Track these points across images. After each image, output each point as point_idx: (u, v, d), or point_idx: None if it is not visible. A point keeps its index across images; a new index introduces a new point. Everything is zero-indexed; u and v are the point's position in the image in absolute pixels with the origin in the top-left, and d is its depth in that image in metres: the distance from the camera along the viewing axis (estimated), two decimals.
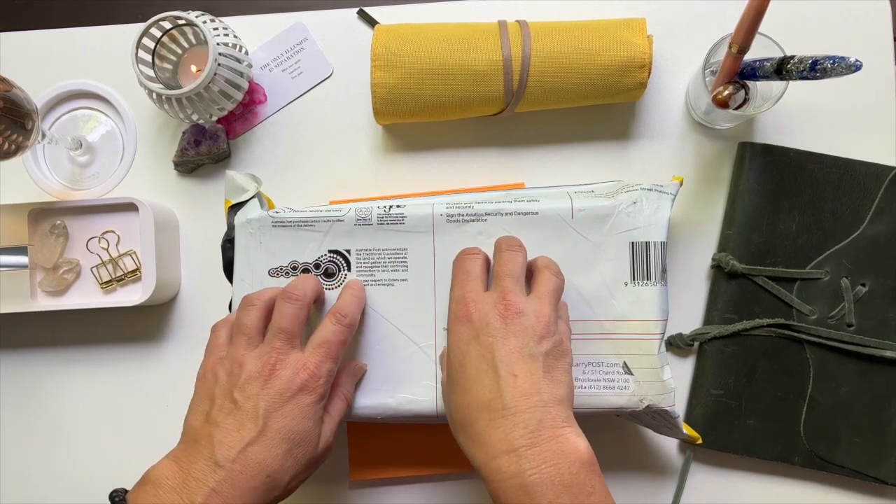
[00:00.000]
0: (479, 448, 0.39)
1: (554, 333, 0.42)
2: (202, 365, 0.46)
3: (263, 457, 0.41)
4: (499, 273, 0.44)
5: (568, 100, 0.56)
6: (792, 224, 0.56)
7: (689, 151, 0.59)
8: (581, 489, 0.37)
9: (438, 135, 0.60)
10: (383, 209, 0.50)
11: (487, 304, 0.42)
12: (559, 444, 0.38)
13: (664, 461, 0.58)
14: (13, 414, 0.60)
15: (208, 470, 0.40)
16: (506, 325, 0.41)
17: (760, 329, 0.56)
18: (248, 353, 0.44)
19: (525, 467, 0.37)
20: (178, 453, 0.42)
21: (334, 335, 0.44)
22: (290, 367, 0.43)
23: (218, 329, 0.47)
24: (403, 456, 0.57)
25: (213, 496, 0.39)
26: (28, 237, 0.58)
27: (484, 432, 0.39)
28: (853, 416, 0.55)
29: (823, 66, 0.45)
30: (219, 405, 0.42)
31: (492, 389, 0.40)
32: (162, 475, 0.40)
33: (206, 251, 0.60)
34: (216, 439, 0.41)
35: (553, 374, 0.41)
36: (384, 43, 0.55)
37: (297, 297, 0.44)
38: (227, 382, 0.43)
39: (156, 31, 0.56)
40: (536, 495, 0.36)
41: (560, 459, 0.37)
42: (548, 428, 0.38)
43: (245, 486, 0.40)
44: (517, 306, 0.42)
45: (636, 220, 0.49)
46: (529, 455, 0.37)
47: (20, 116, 0.50)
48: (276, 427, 0.41)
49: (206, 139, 0.59)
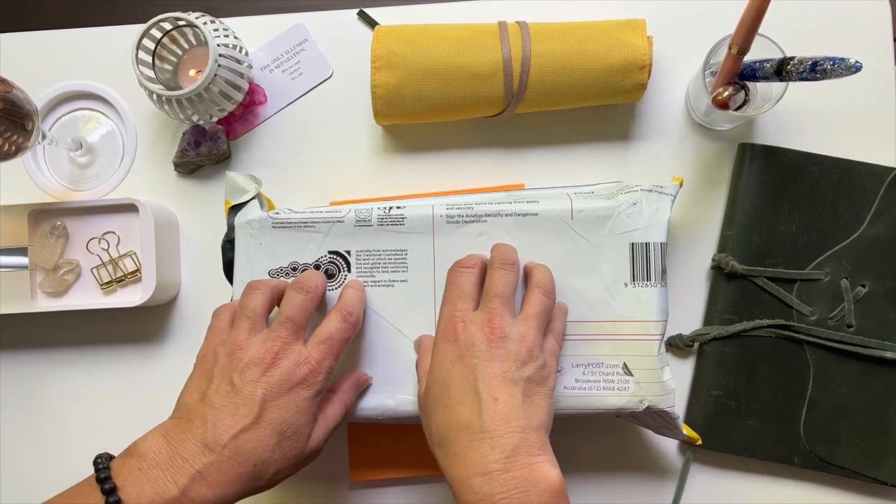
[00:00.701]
0: (455, 467, 0.40)
1: (537, 357, 0.43)
2: (202, 346, 0.45)
3: (254, 446, 0.40)
4: (489, 293, 0.44)
5: (568, 101, 0.56)
6: (792, 225, 0.56)
7: (689, 152, 0.59)
8: None
9: (438, 136, 0.60)
10: (383, 210, 0.50)
11: (475, 326, 0.43)
12: (532, 472, 0.38)
13: (664, 462, 0.58)
14: (13, 414, 0.60)
15: (197, 451, 0.40)
16: (490, 348, 0.42)
17: (760, 330, 0.56)
18: (252, 338, 0.43)
19: (496, 490, 0.38)
20: (169, 428, 0.41)
21: (339, 332, 0.44)
22: (292, 358, 0.42)
23: (220, 313, 0.47)
24: (403, 456, 0.57)
25: (197, 479, 0.39)
26: (28, 238, 0.58)
27: (461, 452, 0.40)
28: (853, 416, 0.55)
29: (823, 67, 0.45)
30: (216, 386, 0.42)
31: (472, 411, 0.40)
32: (149, 449, 0.40)
33: (206, 252, 0.61)
34: (209, 420, 0.40)
35: (533, 400, 0.42)
36: (384, 44, 0.55)
37: (309, 290, 0.44)
38: (227, 364, 0.43)
39: (156, 31, 0.56)
40: None
41: (531, 487, 0.38)
42: (523, 454, 0.39)
43: (232, 472, 0.40)
44: (502, 330, 0.42)
45: (636, 220, 0.49)
46: (502, 479, 0.38)
47: (20, 117, 0.50)
48: (270, 417, 0.41)
49: (207, 140, 0.59)
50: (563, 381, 0.48)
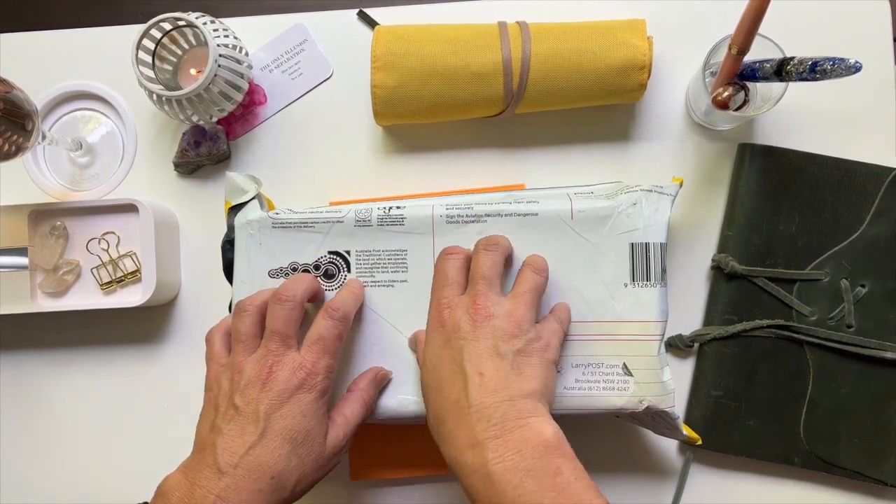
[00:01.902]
0: (449, 445, 0.40)
1: (528, 331, 0.43)
2: (206, 375, 0.46)
3: (266, 458, 0.41)
4: (473, 276, 0.45)
5: (568, 101, 0.56)
6: (792, 225, 0.56)
7: (688, 153, 0.59)
8: (546, 472, 0.37)
9: (438, 136, 0.60)
10: (383, 210, 0.50)
11: (459, 309, 0.43)
12: (522, 433, 0.38)
13: (664, 462, 0.58)
14: (13, 414, 0.60)
15: (213, 477, 0.40)
16: (475, 328, 0.42)
17: (760, 330, 0.56)
18: (247, 359, 0.44)
19: (489, 458, 0.38)
20: (187, 463, 0.43)
21: (327, 331, 0.44)
22: (286, 367, 0.43)
23: (212, 337, 0.47)
24: (403, 456, 0.57)
25: (218, 503, 0.39)
26: (28, 238, 0.58)
27: (453, 430, 0.40)
28: (853, 416, 0.55)
29: (823, 67, 0.45)
30: (222, 413, 0.43)
31: (459, 389, 0.41)
32: (171, 487, 0.41)
33: (206, 252, 0.61)
34: (219, 447, 0.41)
35: (523, 370, 0.42)
36: (384, 44, 0.55)
37: (287, 299, 0.44)
38: (228, 389, 0.43)
39: (156, 32, 0.56)
40: (500, 483, 0.37)
41: (523, 447, 0.38)
42: (511, 419, 0.39)
43: (250, 488, 0.40)
44: (487, 310, 0.43)
45: (636, 221, 0.49)
46: (493, 446, 0.38)
47: (20, 118, 0.50)
48: (276, 428, 0.41)
49: (207, 140, 0.59)
50: (562, 382, 0.48)
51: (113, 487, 0.60)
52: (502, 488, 0.37)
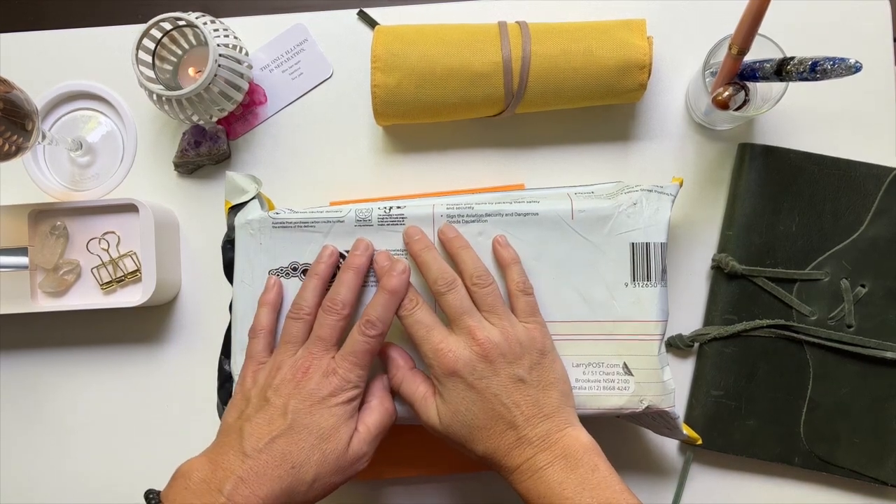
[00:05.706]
0: (502, 468, 0.44)
1: (526, 344, 0.45)
2: (242, 369, 0.48)
3: (290, 448, 0.42)
4: (451, 316, 0.46)
5: (568, 101, 0.56)
6: (792, 225, 0.56)
7: (689, 152, 0.59)
8: (586, 468, 0.43)
9: (438, 136, 0.60)
10: (384, 210, 0.50)
11: (462, 348, 0.45)
12: (564, 442, 0.43)
13: (664, 462, 0.58)
14: (13, 414, 0.60)
15: (237, 460, 0.42)
16: (488, 364, 0.44)
17: (760, 330, 0.56)
18: (288, 359, 0.46)
19: (540, 464, 0.43)
20: (210, 448, 0.44)
21: (360, 345, 0.45)
22: (320, 371, 0.45)
23: (255, 336, 0.48)
24: (403, 456, 0.57)
25: (240, 484, 0.40)
26: (28, 238, 0.58)
27: (507, 455, 0.44)
28: (853, 416, 0.55)
29: (823, 67, 0.45)
30: (253, 404, 0.44)
31: (504, 429, 0.44)
32: (193, 468, 0.42)
33: (206, 252, 0.61)
34: (246, 431, 0.43)
35: (543, 382, 0.45)
36: (384, 44, 0.55)
37: (337, 311, 0.46)
38: (264, 384, 0.45)
39: (156, 32, 0.56)
40: (546, 476, 0.43)
41: (567, 451, 0.43)
42: (554, 433, 0.44)
43: (270, 474, 0.41)
44: (489, 341, 0.44)
45: (636, 220, 0.49)
46: (542, 457, 0.43)
47: (20, 117, 0.50)
48: (303, 423, 0.43)
49: (207, 140, 0.59)
50: None
51: (113, 487, 0.60)
52: (547, 479, 0.42)
